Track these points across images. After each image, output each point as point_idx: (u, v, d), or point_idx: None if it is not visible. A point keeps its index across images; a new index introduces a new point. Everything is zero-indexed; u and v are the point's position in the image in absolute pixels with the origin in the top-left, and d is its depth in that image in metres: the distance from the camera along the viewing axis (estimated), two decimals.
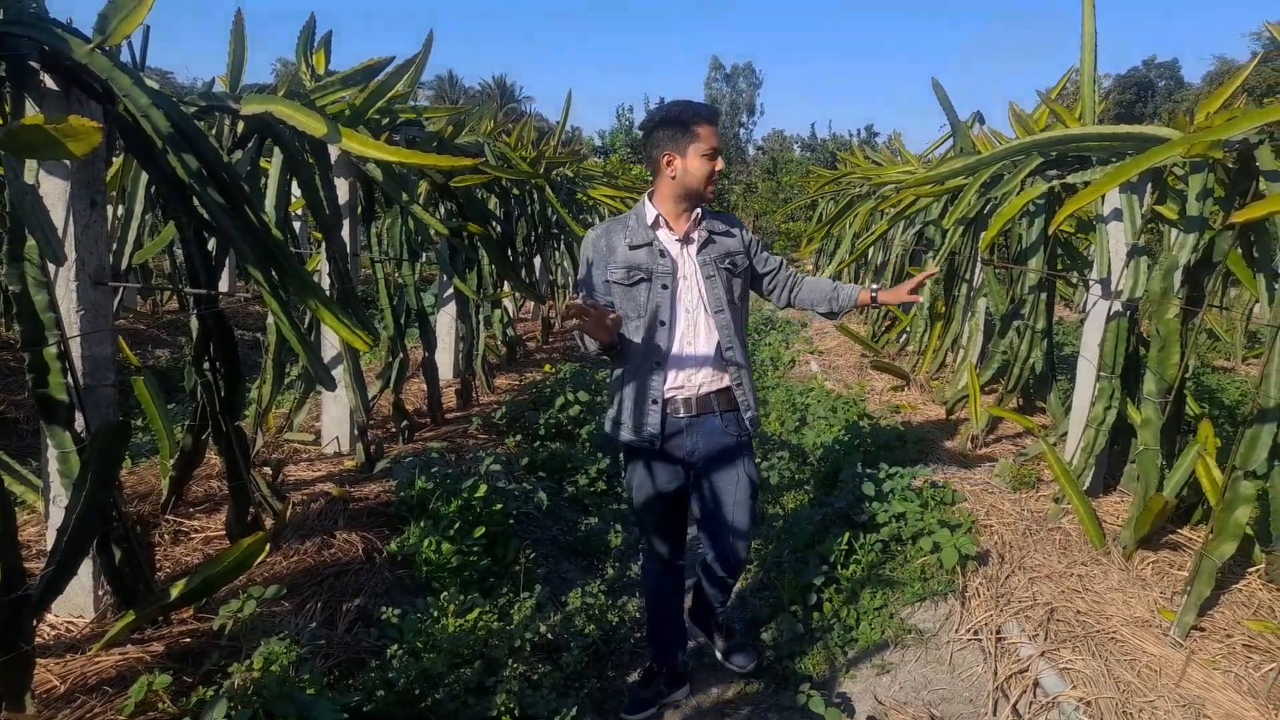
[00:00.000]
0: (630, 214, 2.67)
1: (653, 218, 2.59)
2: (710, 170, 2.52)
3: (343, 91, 3.31)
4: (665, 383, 2.58)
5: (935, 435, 4.98)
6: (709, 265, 2.61)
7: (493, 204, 6.19)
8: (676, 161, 2.51)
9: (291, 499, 3.30)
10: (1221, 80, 18.98)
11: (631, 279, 2.54)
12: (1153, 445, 3.10)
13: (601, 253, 2.58)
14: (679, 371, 2.59)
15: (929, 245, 6.79)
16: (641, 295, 2.55)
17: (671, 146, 2.51)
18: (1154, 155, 2.71)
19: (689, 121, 2.49)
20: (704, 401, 2.63)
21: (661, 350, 2.56)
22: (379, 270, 4.14)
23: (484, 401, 5.35)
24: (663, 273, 2.55)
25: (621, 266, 2.55)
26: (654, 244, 2.57)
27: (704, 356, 2.60)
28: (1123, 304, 3.54)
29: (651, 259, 2.56)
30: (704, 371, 2.61)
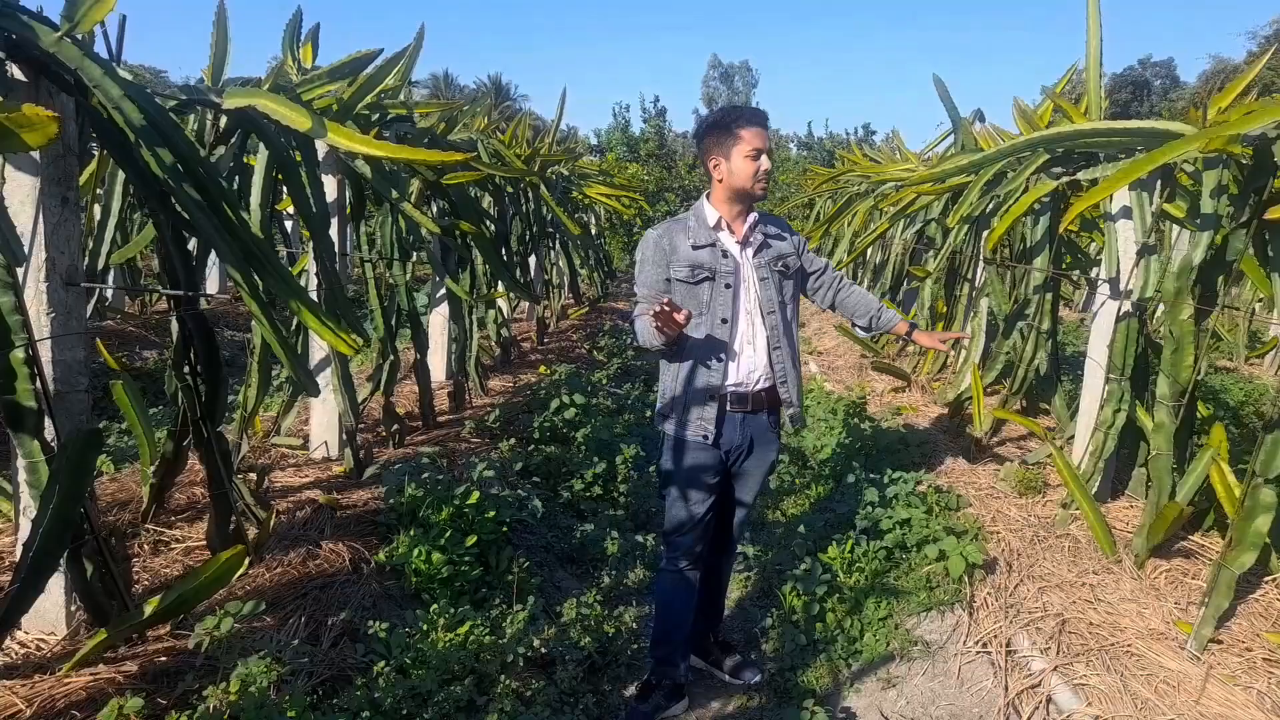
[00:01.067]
0: (688, 215, 2.76)
1: (715, 219, 2.68)
2: (755, 169, 2.60)
3: (329, 85, 3.21)
4: (725, 380, 2.67)
5: (938, 438, 4.89)
6: (764, 268, 2.71)
7: (486, 202, 6.09)
8: (723, 164, 2.62)
9: (276, 507, 3.19)
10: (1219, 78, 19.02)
11: (696, 277, 2.63)
12: (1166, 451, 3.01)
13: (664, 251, 2.65)
14: (737, 369, 2.68)
15: (929, 244, 6.70)
16: (705, 294, 2.64)
17: (718, 151, 2.62)
18: (1169, 150, 2.61)
19: (731, 124, 2.59)
20: (757, 399, 2.73)
21: (722, 348, 2.65)
22: (369, 270, 4.03)
23: (477, 404, 5.25)
24: (726, 273, 2.64)
25: (685, 265, 2.63)
26: (717, 245, 2.66)
27: (759, 356, 2.70)
28: (1133, 304, 3.45)
29: (714, 259, 2.64)
30: (758, 370, 2.70)
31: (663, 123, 18.93)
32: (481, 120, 5.68)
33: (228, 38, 3.09)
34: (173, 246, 2.35)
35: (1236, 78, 3.65)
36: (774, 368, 2.73)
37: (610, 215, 12.76)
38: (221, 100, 2.79)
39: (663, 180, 17.56)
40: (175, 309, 2.46)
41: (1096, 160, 4.10)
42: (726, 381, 2.67)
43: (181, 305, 2.44)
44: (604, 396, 5.94)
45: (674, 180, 18.26)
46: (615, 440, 4.83)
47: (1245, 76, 3.34)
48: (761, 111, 2.67)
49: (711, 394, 2.66)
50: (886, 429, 5.00)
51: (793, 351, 2.79)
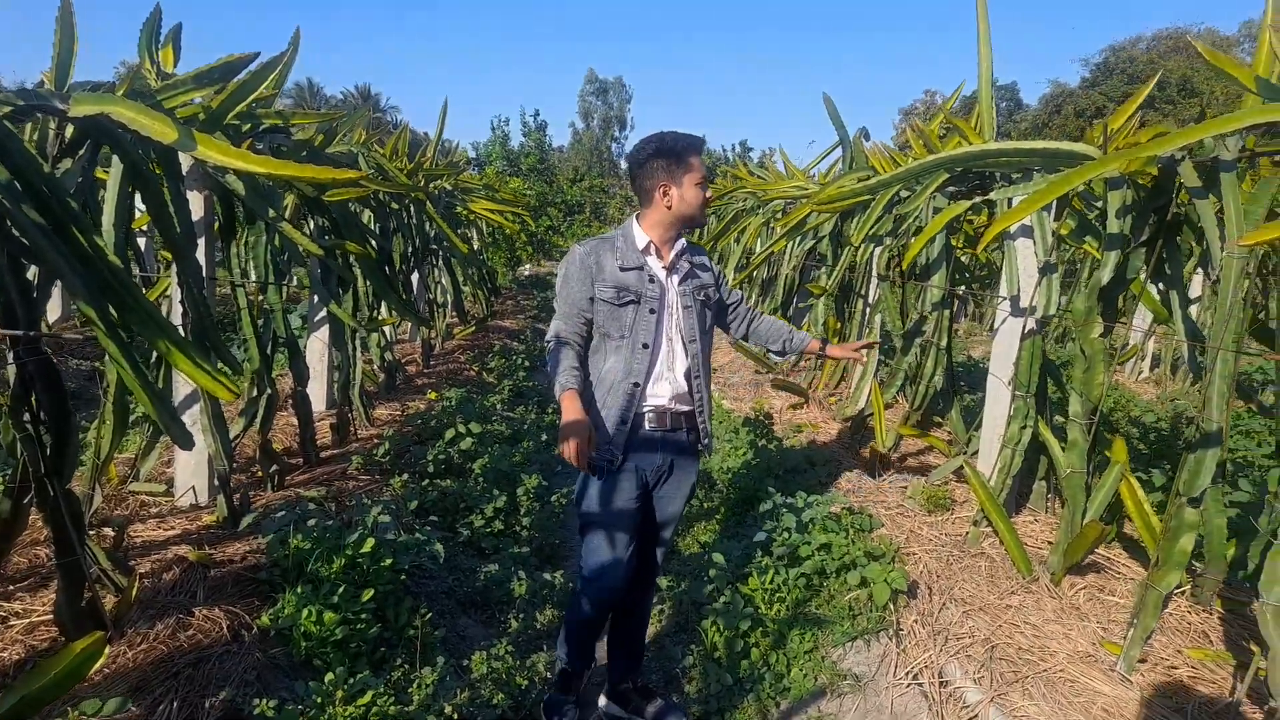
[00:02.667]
0: (616, 235, 2.74)
1: (644, 243, 2.68)
2: (704, 198, 2.66)
3: (195, 92, 2.86)
4: (640, 403, 2.67)
5: (841, 455, 4.87)
6: (688, 296, 2.72)
7: (366, 218, 5.73)
8: (673, 191, 2.62)
9: (139, 569, 2.80)
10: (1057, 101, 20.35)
11: (621, 299, 2.63)
12: (1079, 468, 3.03)
13: (590, 270, 2.64)
14: (654, 393, 2.68)
15: (820, 261, 6.76)
16: (628, 316, 2.64)
17: (667, 177, 2.62)
18: (1090, 170, 2.62)
19: (683, 153, 2.61)
20: (675, 418, 2.72)
21: (640, 372, 2.64)
22: (240, 294, 3.65)
23: (363, 436, 4.89)
24: (651, 298, 2.65)
25: (611, 286, 2.62)
26: (644, 269, 2.66)
27: (677, 382, 2.71)
28: (1036, 322, 3.49)
29: (641, 283, 2.65)
30: (676, 395, 2.71)
31: (544, 137, 18.70)
32: (361, 132, 5.34)
33: (74, 36, 2.70)
34: (9, 277, 2.00)
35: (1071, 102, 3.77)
36: (694, 395, 2.75)
37: (493, 231, 12.44)
38: (68, 107, 2.41)
39: (544, 194, 17.32)
40: (13, 348, 2.09)
41: (991, 180, 4.17)
42: (642, 406, 2.67)
43: (20, 344, 2.08)
44: (498, 422, 5.68)
45: (555, 194, 18.05)
46: (515, 470, 4.58)
47: (1135, 99, 3.44)
48: (702, 139, 2.71)
49: (624, 418, 2.64)
50: (791, 448, 4.96)
51: (709, 381, 2.83)
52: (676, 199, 2.62)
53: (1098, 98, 42.23)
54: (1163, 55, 43.63)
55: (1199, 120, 2.65)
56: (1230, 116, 2.41)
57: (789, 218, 6.05)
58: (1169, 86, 42.04)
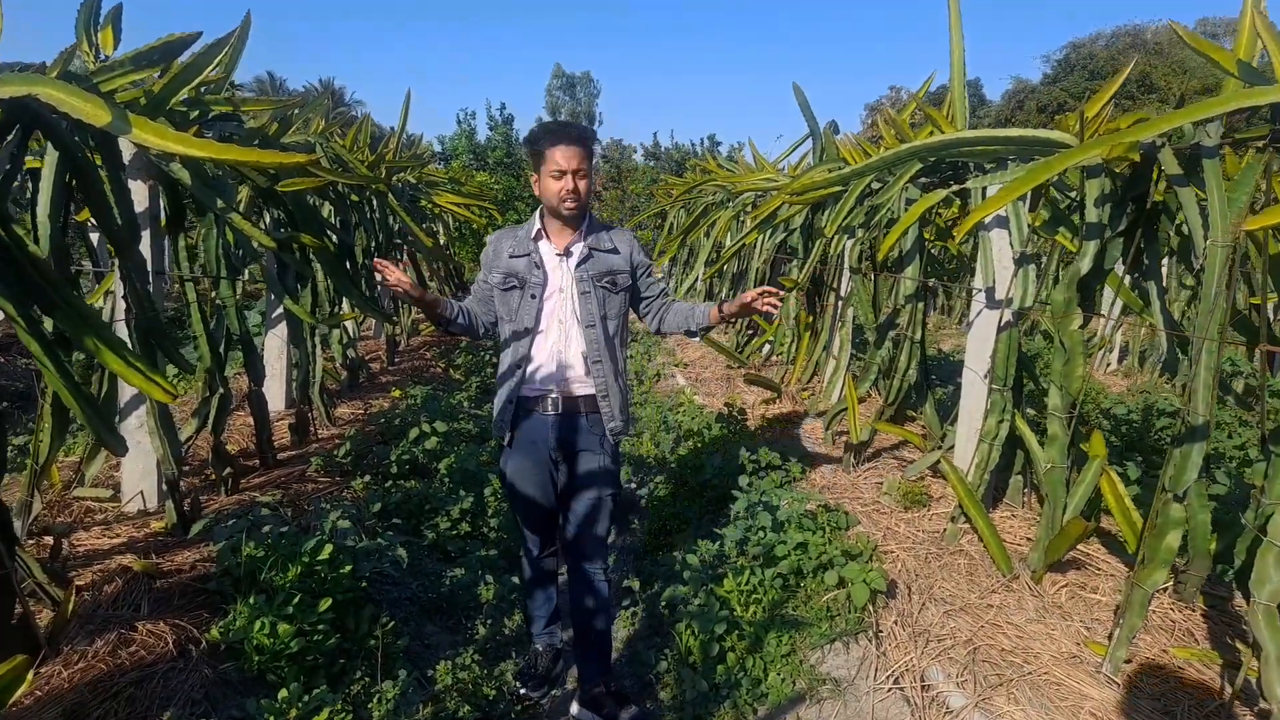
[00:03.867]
0: (523, 223, 2.88)
1: (534, 230, 2.79)
2: (559, 188, 2.67)
3: (136, 74, 2.70)
4: (526, 385, 2.79)
5: (815, 451, 4.79)
6: (585, 281, 2.78)
7: (327, 211, 5.54)
8: (536, 181, 2.74)
9: (79, 580, 2.64)
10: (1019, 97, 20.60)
11: (506, 285, 2.78)
12: (1059, 463, 2.96)
13: (488, 258, 2.82)
14: (546, 376, 2.78)
15: (791, 254, 6.68)
16: (514, 301, 2.77)
17: (532, 166, 2.75)
18: (1071, 156, 2.55)
19: (540, 142, 2.68)
20: (571, 402, 2.81)
21: (526, 355, 2.77)
22: (190, 290, 3.48)
23: (324, 436, 4.72)
24: (534, 284, 2.75)
25: (501, 272, 2.78)
26: (531, 255, 2.77)
27: (572, 365, 2.79)
28: (1013, 314, 3.42)
29: (528, 269, 2.76)
30: (572, 378, 2.80)
31: (510, 130, 18.48)
32: (319, 122, 5.16)
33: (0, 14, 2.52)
34: None
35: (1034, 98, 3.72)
36: (594, 379, 2.81)
37: (460, 225, 12.23)
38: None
39: (511, 189, 17.11)
40: None
41: (964, 170, 4.11)
42: (527, 387, 2.79)
43: None
44: (465, 420, 5.53)
45: (523, 188, 17.84)
46: (481, 470, 4.45)
47: (1108, 90, 3.38)
48: (576, 129, 2.71)
49: (510, 397, 2.80)
50: (764, 443, 4.86)
51: (615, 365, 2.87)
52: (539, 188, 2.73)
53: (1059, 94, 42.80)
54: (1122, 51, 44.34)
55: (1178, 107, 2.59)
56: (1212, 101, 2.34)
57: (760, 210, 5.96)
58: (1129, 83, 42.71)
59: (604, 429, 2.86)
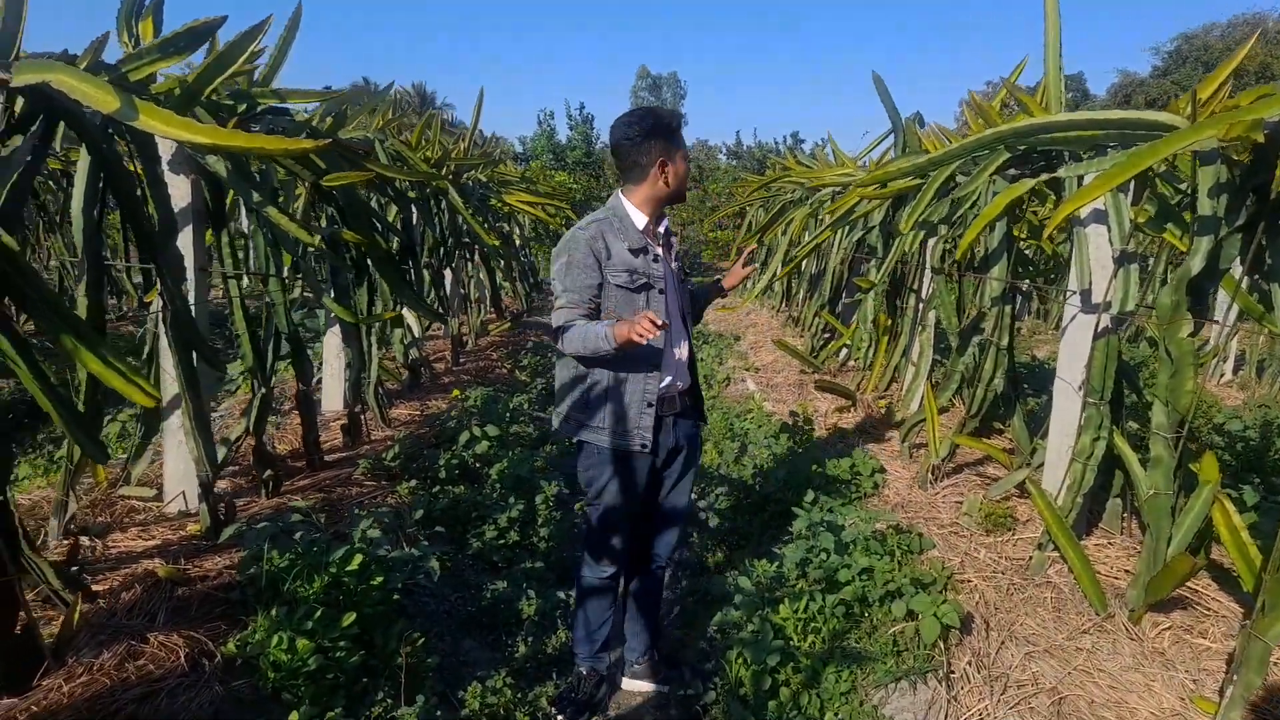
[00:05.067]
0: (609, 216, 2.65)
1: (643, 223, 2.64)
2: (688, 171, 2.70)
3: (163, 61, 2.59)
4: (659, 386, 2.65)
5: (890, 464, 4.46)
6: (678, 272, 2.79)
7: (393, 213, 5.48)
8: (670, 168, 2.59)
9: (101, 585, 2.56)
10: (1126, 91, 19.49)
11: (635, 283, 2.59)
12: (1165, 489, 2.60)
13: (600, 254, 2.56)
14: (668, 374, 2.68)
15: (870, 253, 6.33)
16: (641, 301, 2.60)
17: (666, 154, 2.59)
18: (1180, 139, 2.21)
19: (677, 128, 2.61)
20: (682, 400, 2.76)
21: (658, 354, 2.63)
22: (234, 287, 3.40)
23: (377, 438, 4.63)
24: (658, 278, 2.64)
25: (623, 270, 2.57)
26: (649, 249, 2.64)
27: (682, 359, 2.74)
28: (1112, 319, 3.06)
29: (648, 265, 2.62)
30: (682, 373, 2.74)
31: (590, 130, 18.42)
32: (380, 118, 5.08)
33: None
34: None
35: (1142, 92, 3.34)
36: (693, 369, 2.82)
37: (536, 225, 12.20)
38: (10, 76, 2.18)
39: (590, 189, 17.04)
40: None
41: (1058, 159, 3.73)
42: (661, 387, 2.66)
43: None
44: (525, 423, 5.38)
45: (602, 189, 17.76)
46: (535, 477, 4.27)
47: (1227, 66, 2.99)
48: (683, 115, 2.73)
49: (650, 401, 2.63)
50: (834, 456, 4.56)
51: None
52: (673, 175, 2.61)
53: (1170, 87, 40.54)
54: (1239, 42, 41.75)
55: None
56: None
57: (835, 206, 5.64)
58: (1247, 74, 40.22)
59: (699, 418, 2.92)
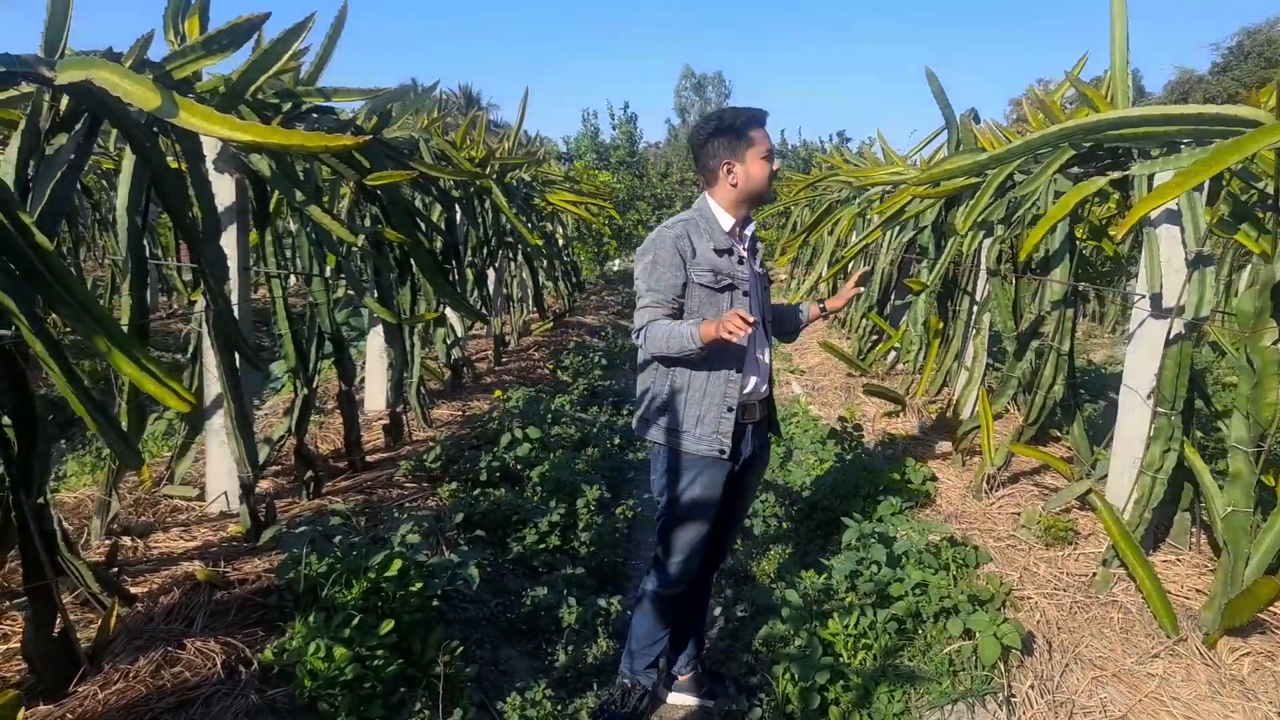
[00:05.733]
0: (694, 216, 2.61)
1: (730, 224, 2.60)
2: (770, 171, 2.57)
3: (207, 59, 2.57)
4: (742, 390, 2.59)
5: (942, 472, 4.31)
6: (763, 277, 2.73)
7: (437, 213, 5.46)
8: (736, 168, 2.54)
9: (140, 587, 2.55)
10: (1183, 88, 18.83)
11: (720, 284, 2.54)
12: (1244, 507, 2.45)
13: (686, 253, 2.51)
14: (750, 379, 2.62)
15: (921, 254, 6.16)
16: (725, 302, 2.54)
17: (728, 154, 2.53)
18: (1266, 135, 2.06)
19: (743, 128, 2.52)
20: (760, 408, 2.71)
21: (741, 358, 2.57)
22: (276, 286, 3.39)
23: (418, 438, 4.60)
24: (742, 279, 2.58)
25: (708, 270, 2.52)
26: (734, 250, 2.59)
27: (764, 365, 2.68)
28: (1185, 325, 2.89)
29: (732, 265, 2.57)
30: (762, 380, 2.68)
31: (634, 129, 18.37)
32: (425, 117, 5.06)
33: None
34: None
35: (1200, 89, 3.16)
36: (772, 377, 2.77)
37: (579, 224, 12.16)
38: (55, 74, 2.17)
39: (634, 188, 16.98)
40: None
41: (1125, 157, 3.56)
42: (744, 392, 2.60)
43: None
44: (567, 424, 5.32)
45: (645, 188, 17.68)
46: (576, 479, 4.20)
47: None
48: (765, 112, 2.58)
49: (730, 405, 2.57)
50: (884, 463, 4.43)
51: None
52: (742, 175, 2.54)
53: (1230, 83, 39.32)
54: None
55: None
56: None
57: (886, 205, 5.48)
58: None
59: (772, 429, 2.88)
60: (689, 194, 19.07)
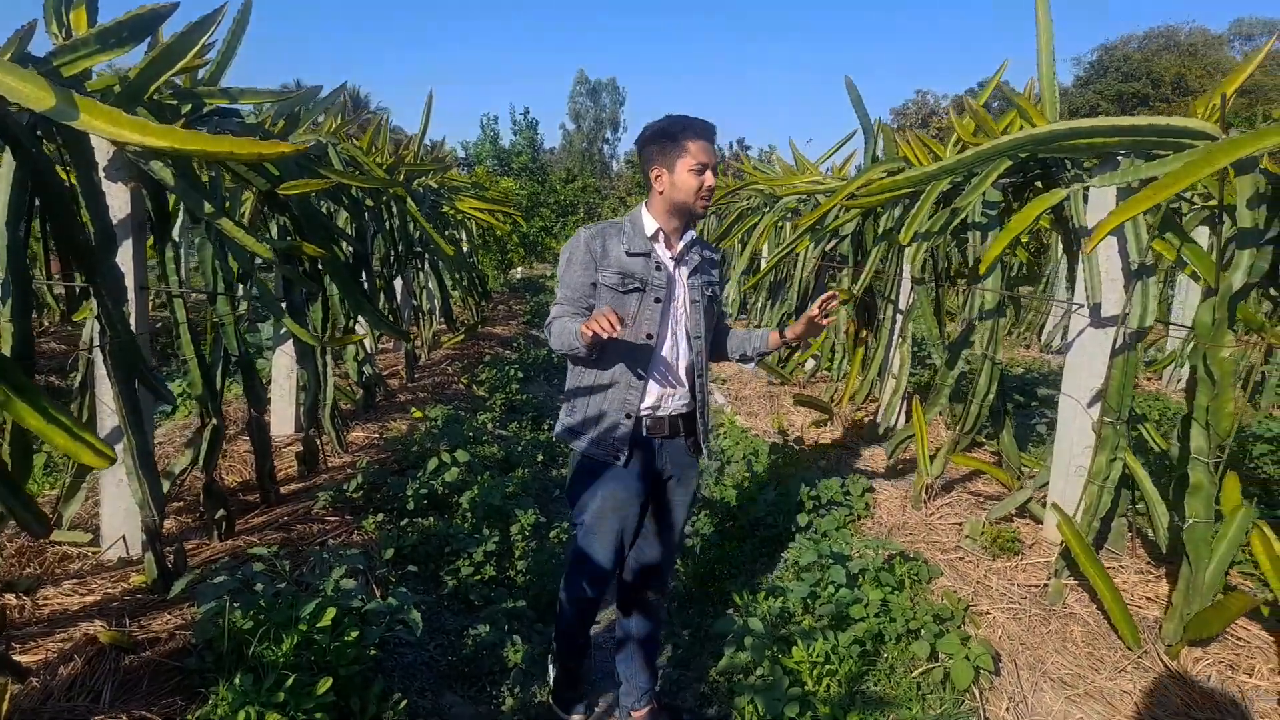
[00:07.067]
0: (624, 221, 2.61)
1: (653, 229, 2.56)
2: (699, 184, 2.49)
3: (102, 55, 2.26)
4: (643, 399, 2.55)
5: (877, 482, 4.29)
6: (696, 290, 2.63)
7: (343, 220, 5.13)
8: (665, 176, 2.50)
9: (34, 655, 2.22)
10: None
11: (626, 286, 2.50)
12: (1204, 517, 2.46)
13: (595, 254, 2.51)
14: (659, 389, 2.56)
15: (843, 261, 6.20)
16: (632, 305, 2.51)
17: (660, 160, 2.50)
18: (1242, 145, 2.07)
19: (677, 135, 2.48)
20: (673, 424, 2.62)
21: (644, 365, 2.53)
22: (179, 307, 3.06)
23: (335, 464, 4.29)
24: (657, 286, 2.53)
25: (615, 271, 2.50)
26: (651, 255, 2.54)
27: (680, 379, 2.60)
28: (1129, 335, 2.93)
29: (647, 270, 2.53)
30: (678, 394, 2.61)
31: (535, 135, 18.10)
32: (332, 121, 4.75)
33: None
34: None
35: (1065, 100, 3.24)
36: (694, 395, 2.65)
37: (483, 232, 11.85)
38: None
39: (537, 195, 16.72)
40: None
41: (1058, 169, 3.61)
42: (644, 402, 2.55)
43: None
44: (490, 443, 5.09)
45: (548, 195, 17.44)
46: (508, 504, 3.99)
47: (1247, 66, 2.90)
48: (710, 125, 2.53)
49: (628, 412, 2.53)
50: (819, 473, 4.38)
51: (708, 381, 2.75)
52: (668, 184, 2.49)
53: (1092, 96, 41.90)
54: (1156, 53, 43.43)
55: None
56: None
57: (811, 215, 5.47)
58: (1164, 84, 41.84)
59: (698, 452, 2.74)
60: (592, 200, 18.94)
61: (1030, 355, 9.05)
